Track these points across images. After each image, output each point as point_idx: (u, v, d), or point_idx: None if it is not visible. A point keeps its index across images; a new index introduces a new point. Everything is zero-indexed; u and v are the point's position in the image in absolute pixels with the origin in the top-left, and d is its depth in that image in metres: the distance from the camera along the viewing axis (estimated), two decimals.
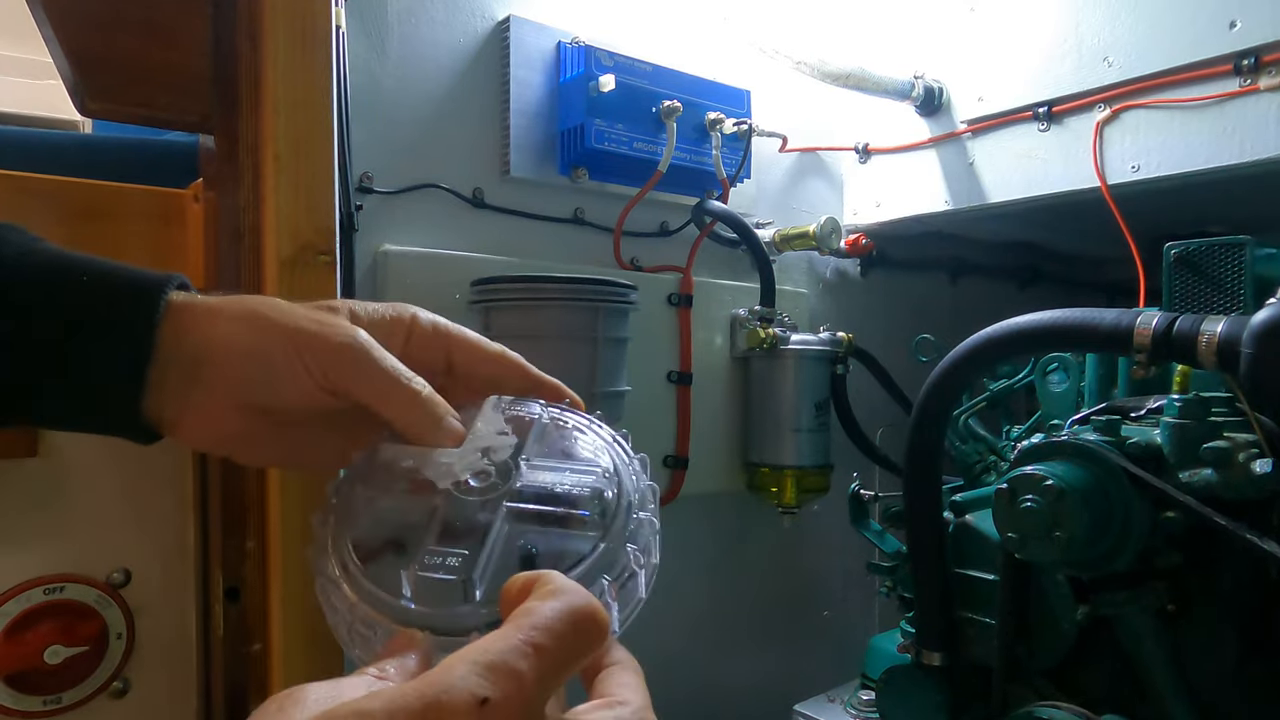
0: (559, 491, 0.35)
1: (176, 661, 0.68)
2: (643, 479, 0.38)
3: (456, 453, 0.37)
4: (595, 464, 0.37)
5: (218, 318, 0.37)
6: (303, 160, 0.60)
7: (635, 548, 0.33)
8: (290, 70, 0.58)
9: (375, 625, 0.32)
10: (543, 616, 0.25)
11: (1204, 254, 0.71)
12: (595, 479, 0.35)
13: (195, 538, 0.68)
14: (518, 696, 0.23)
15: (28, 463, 0.62)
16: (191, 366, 0.37)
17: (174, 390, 0.37)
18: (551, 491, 0.35)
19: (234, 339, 0.37)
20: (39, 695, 0.62)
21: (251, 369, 0.37)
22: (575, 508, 0.34)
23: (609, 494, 0.35)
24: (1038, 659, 0.72)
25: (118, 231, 0.67)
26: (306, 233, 0.60)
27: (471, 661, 0.23)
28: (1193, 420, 0.63)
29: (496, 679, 0.23)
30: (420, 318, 0.42)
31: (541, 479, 0.36)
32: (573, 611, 0.26)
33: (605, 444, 0.39)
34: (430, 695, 0.22)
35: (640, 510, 0.35)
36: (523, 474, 0.36)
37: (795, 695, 1.06)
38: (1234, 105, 0.84)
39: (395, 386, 0.38)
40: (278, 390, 0.37)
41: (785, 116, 1.16)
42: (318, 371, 0.37)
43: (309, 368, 0.37)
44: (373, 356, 0.37)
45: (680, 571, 1.09)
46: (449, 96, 0.89)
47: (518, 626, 0.25)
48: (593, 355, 0.78)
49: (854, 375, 1.11)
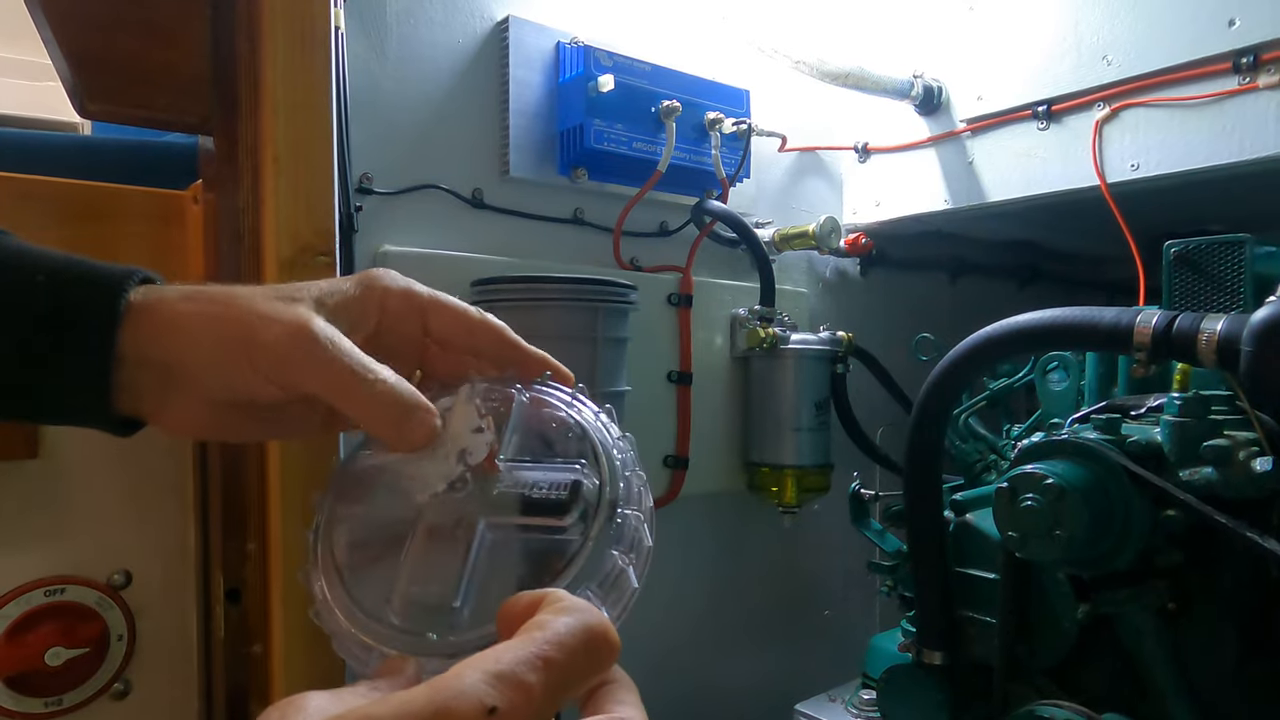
0: (537, 497, 0.34)
1: (177, 663, 0.68)
2: (629, 460, 0.37)
3: (430, 461, 0.36)
4: (575, 459, 0.36)
5: (179, 323, 0.36)
6: (302, 161, 0.60)
7: (621, 548, 0.33)
8: (289, 71, 0.58)
9: (368, 648, 0.32)
10: (555, 632, 0.25)
11: (1204, 252, 0.71)
12: (575, 474, 0.35)
13: (196, 539, 0.68)
14: (525, 709, 0.23)
15: (28, 464, 0.62)
16: (162, 371, 0.36)
17: (148, 391, 0.36)
18: (530, 497, 0.34)
19: (197, 346, 0.36)
20: (40, 697, 0.62)
21: (215, 376, 0.36)
22: (556, 512, 0.33)
23: (589, 485, 0.34)
24: (1038, 658, 0.72)
25: (117, 233, 0.67)
26: (306, 234, 0.60)
27: (482, 670, 0.23)
28: (1193, 418, 0.63)
29: (505, 689, 0.23)
30: (391, 289, 0.41)
31: (521, 478, 0.35)
32: (586, 629, 0.26)
33: (588, 425, 0.38)
34: (439, 701, 0.22)
35: (626, 506, 0.34)
36: (500, 478, 0.35)
37: (796, 695, 1.06)
38: (1233, 103, 0.84)
39: (352, 382, 0.35)
40: (244, 391, 0.36)
41: (784, 116, 1.16)
42: (268, 370, 0.35)
43: (258, 367, 0.35)
44: (324, 349, 0.35)
45: (680, 571, 1.09)
46: (448, 97, 0.89)
47: (530, 639, 0.25)
48: (593, 355, 0.78)
49: (854, 375, 1.11)
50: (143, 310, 0.35)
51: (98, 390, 0.35)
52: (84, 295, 0.35)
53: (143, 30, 0.57)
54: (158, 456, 0.68)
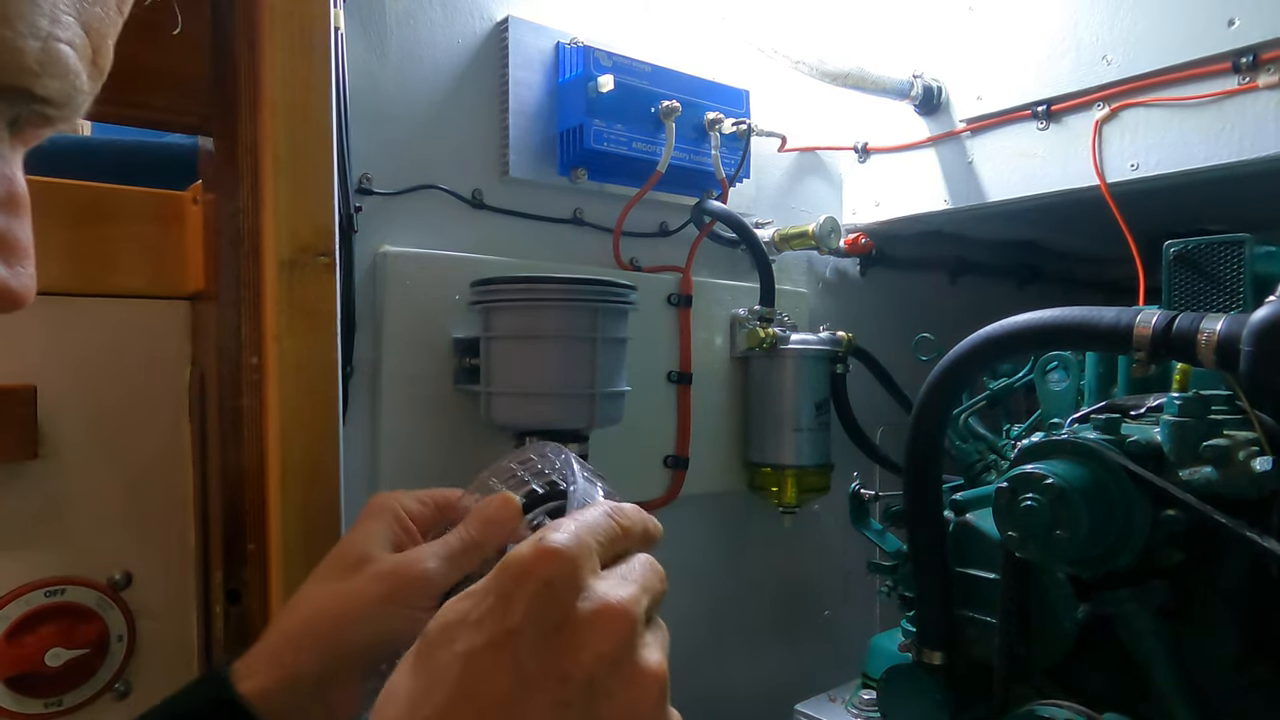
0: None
1: (178, 664, 0.68)
2: (578, 472, 0.48)
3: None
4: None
5: None
6: (302, 162, 0.60)
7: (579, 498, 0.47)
8: (289, 72, 0.58)
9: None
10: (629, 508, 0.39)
11: (1203, 252, 0.71)
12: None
13: (196, 540, 0.68)
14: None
15: (29, 465, 0.62)
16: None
17: None
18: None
19: None
20: (40, 698, 0.62)
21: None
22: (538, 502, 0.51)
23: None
24: (1039, 657, 0.72)
25: (117, 234, 0.67)
26: (306, 234, 0.60)
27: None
28: (1193, 418, 0.63)
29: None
30: (400, 509, 0.53)
31: None
32: (645, 517, 0.39)
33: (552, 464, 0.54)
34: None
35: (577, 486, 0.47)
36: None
37: (796, 695, 1.06)
38: (1233, 103, 0.84)
39: (455, 551, 0.49)
40: None
41: (784, 116, 1.16)
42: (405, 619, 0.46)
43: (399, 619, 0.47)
44: (415, 583, 0.47)
45: (680, 571, 1.09)
46: (448, 98, 0.89)
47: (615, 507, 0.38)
48: (592, 355, 0.78)
49: (854, 375, 1.11)
50: None
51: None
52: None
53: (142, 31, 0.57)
54: (157, 457, 0.68)
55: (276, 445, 0.59)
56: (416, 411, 0.84)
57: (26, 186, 0.29)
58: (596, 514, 0.37)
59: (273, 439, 0.59)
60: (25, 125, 0.28)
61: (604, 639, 0.32)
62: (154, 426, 0.68)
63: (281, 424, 0.59)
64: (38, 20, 0.24)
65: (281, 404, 0.59)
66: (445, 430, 0.86)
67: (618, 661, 0.32)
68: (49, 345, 0.64)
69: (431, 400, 0.85)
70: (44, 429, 0.63)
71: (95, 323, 0.66)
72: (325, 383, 0.61)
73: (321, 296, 0.61)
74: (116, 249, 0.67)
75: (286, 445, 0.59)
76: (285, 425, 0.59)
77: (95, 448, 0.65)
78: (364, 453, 0.82)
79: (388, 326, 0.82)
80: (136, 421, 0.67)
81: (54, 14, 0.25)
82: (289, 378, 0.59)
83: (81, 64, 0.26)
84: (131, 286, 0.67)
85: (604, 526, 0.36)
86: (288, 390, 0.59)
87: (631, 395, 0.85)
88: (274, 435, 0.59)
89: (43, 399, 0.63)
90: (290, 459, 0.59)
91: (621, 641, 0.32)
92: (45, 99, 0.26)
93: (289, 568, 0.58)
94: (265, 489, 0.60)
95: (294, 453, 0.60)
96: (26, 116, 0.27)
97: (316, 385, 0.61)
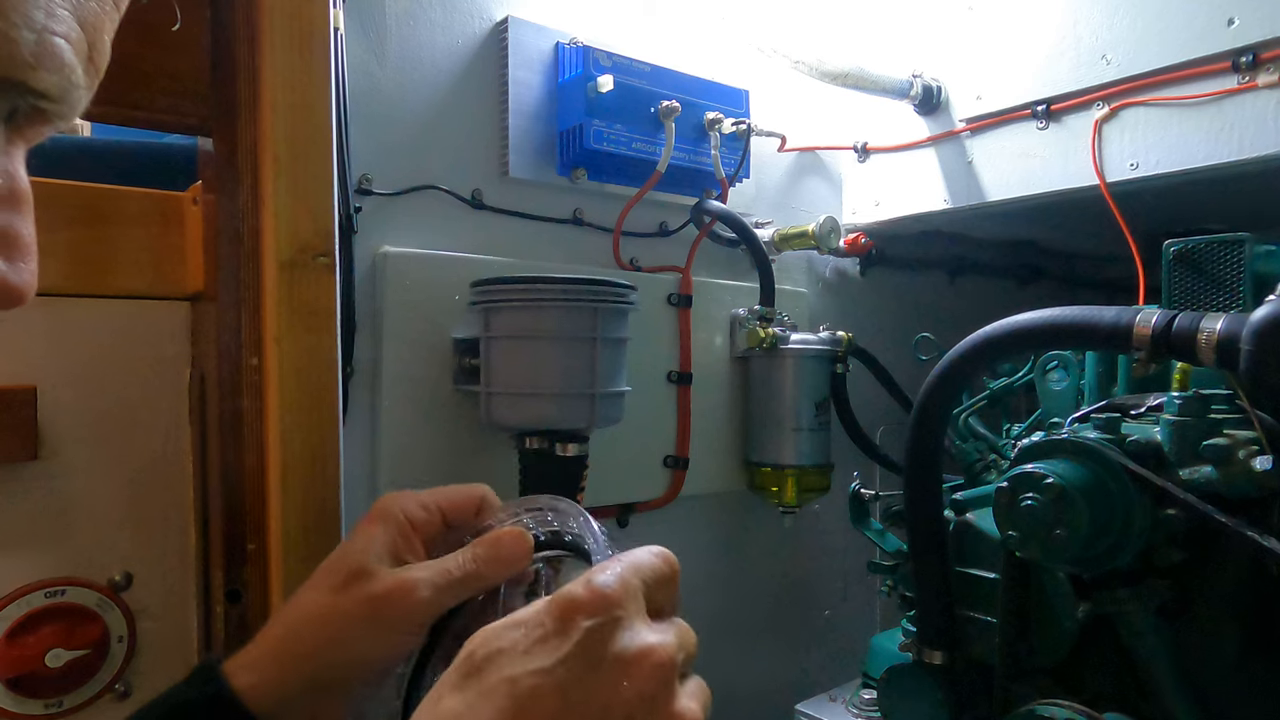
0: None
1: (178, 664, 0.68)
2: (579, 522, 0.54)
3: None
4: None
5: None
6: (302, 163, 0.60)
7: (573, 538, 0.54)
8: (289, 73, 0.58)
9: None
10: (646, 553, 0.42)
11: (1203, 251, 0.71)
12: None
13: (196, 540, 0.68)
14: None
15: (29, 466, 0.62)
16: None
17: None
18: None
19: None
20: (40, 699, 0.62)
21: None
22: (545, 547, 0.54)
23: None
24: (1039, 657, 0.72)
25: (116, 235, 0.67)
26: (306, 235, 0.60)
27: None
28: (1193, 418, 0.63)
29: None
30: (404, 517, 0.53)
31: None
32: (665, 555, 0.43)
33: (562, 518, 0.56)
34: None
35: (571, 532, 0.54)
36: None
37: (796, 695, 1.06)
38: (1232, 102, 0.84)
39: (454, 581, 0.50)
40: None
41: (784, 116, 1.16)
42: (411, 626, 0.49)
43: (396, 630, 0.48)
44: (406, 611, 0.48)
45: (680, 571, 1.08)
46: (448, 98, 0.89)
47: (648, 549, 0.42)
48: (592, 355, 0.78)
49: (854, 375, 1.11)
50: None
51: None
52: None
53: (142, 31, 0.57)
54: (158, 457, 0.68)
55: (276, 445, 0.59)
56: (416, 411, 0.84)
57: (29, 184, 0.29)
58: (644, 556, 0.40)
59: (273, 439, 0.59)
60: (24, 121, 0.28)
61: (646, 678, 0.35)
62: (154, 427, 0.68)
63: (281, 424, 0.59)
64: (32, 13, 0.24)
65: (281, 404, 0.59)
66: (445, 430, 0.86)
67: (656, 701, 0.35)
68: (49, 346, 0.64)
69: (431, 400, 0.85)
70: (44, 429, 0.63)
71: (95, 323, 0.66)
72: (325, 383, 0.61)
73: (321, 297, 0.61)
74: (117, 250, 0.67)
75: (286, 445, 0.59)
76: (285, 426, 0.59)
77: (95, 448, 0.65)
78: (364, 453, 0.82)
79: (388, 327, 0.82)
80: (136, 422, 0.67)
81: (49, 7, 0.25)
82: (289, 378, 0.59)
83: (77, 58, 0.26)
84: (131, 287, 0.67)
85: (650, 568, 0.40)
86: (288, 391, 0.59)
87: (631, 395, 0.85)
88: (274, 436, 0.59)
89: (43, 399, 0.63)
90: (290, 459, 0.59)
91: (662, 682, 0.35)
92: (41, 93, 0.26)
93: (289, 568, 0.58)
94: (265, 489, 0.60)
95: (294, 453, 0.60)
96: (24, 111, 0.27)
97: (316, 386, 0.61)
